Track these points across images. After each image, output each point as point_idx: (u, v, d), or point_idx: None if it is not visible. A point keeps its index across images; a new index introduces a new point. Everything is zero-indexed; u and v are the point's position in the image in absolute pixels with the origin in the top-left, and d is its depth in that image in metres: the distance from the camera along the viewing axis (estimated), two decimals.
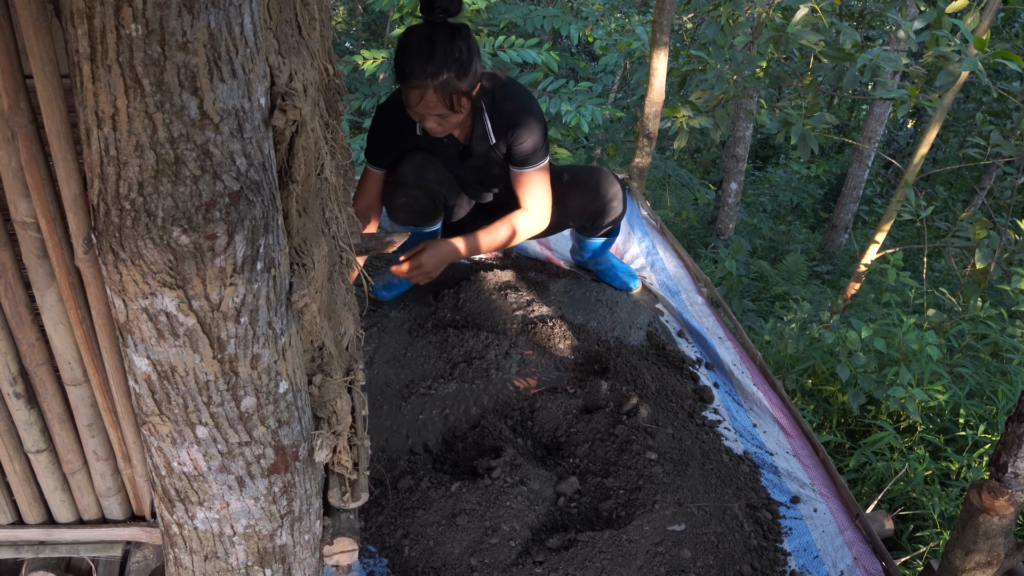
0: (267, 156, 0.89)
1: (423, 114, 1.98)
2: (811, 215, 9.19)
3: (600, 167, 2.47)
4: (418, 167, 2.24)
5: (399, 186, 2.25)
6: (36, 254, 1.02)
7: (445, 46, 1.88)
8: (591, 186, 2.40)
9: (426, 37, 1.89)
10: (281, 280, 0.97)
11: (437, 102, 1.93)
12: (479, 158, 2.24)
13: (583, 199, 2.40)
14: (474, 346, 2.25)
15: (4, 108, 0.90)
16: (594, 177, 2.41)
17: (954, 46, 3.80)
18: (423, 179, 2.25)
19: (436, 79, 1.88)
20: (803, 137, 4.28)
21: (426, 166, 2.24)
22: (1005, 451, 1.41)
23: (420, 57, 1.88)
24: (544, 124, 2.18)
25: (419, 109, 1.96)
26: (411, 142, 2.23)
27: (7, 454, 1.21)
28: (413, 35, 1.92)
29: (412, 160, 2.23)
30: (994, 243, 4.23)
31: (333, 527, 1.27)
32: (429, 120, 2.00)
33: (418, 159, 2.23)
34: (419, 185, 2.25)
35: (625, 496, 1.80)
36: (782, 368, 4.16)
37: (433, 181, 2.27)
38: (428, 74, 1.88)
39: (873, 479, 3.35)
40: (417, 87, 1.90)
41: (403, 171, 2.23)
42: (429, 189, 2.27)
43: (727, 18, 4.59)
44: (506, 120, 2.14)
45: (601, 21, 6.38)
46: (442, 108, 1.95)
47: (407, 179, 2.24)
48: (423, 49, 1.88)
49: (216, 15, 0.76)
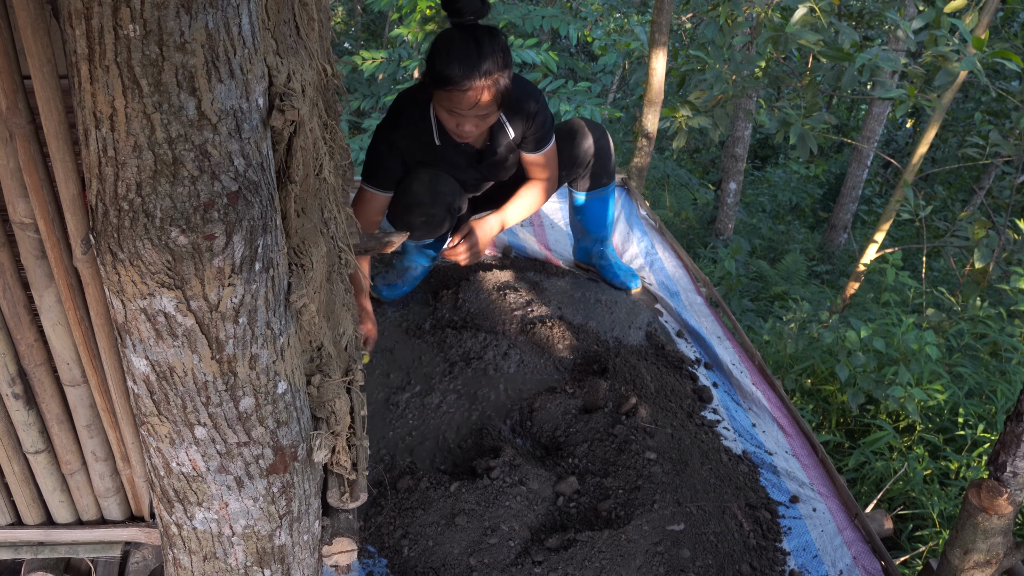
0: (265, 156, 0.89)
1: (467, 116, 1.98)
2: (810, 215, 9.19)
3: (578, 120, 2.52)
4: (429, 184, 2.21)
5: (416, 207, 2.23)
6: (35, 255, 1.02)
7: (491, 45, 1.89)
8: (577, 128, 2.44)
9: (471, 39, 1.89)
10: (279, 280, 0.97)
11: (487, 101, 1.93)
12: (497, 154, 2.25)
13: (571, 146, 2.43)
14: (473, 346, 2.25)
15: (2, 109, 0.90)
16: (574, 125, 2.47)
17: (953, 46, 3.80)
18: (437, 195, 2.24)
19: (489, 77, 1.89)
20: (802, 137, 4.28)
21: (436, 181, 2.23)
22: (1004, 450, 1.41)
23: (471, 58, 1.87)
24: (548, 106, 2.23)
25: (469, 111, 1.95)
26: (428, 154, 2.20)
27: (6, 455, 1.21)
28: (454, 39, 1.91)
29: (421, 178, 2.21)
30: (993, 243, 4.23)
31: (332, 527, 1.27)
32: (469, 123, 2.00)
33: (426, 176, 2.22)
34: (434, 202, 2.24)
35: (624, 496, 1.80)
36: (781, 368, 4.16)
37: (446, 194, 2.26)
38: (483, 73, 1.88)
39: (872, 478, 3.35)
40: (471, 88, 1.89)
41: (416, 191, 2.21)
42: (444, 203, 2.26)
43: (726, 18, 4.60)
44: (520, 112, 2.16)
45: (600, 21, 6.38)
46: (491, 107, 1.96)
47: (422, 199, 2.22)
48: (471, 50, 1.87)
49: (214, 15, 0.76)
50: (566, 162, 2.45)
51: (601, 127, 2.48)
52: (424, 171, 2.21)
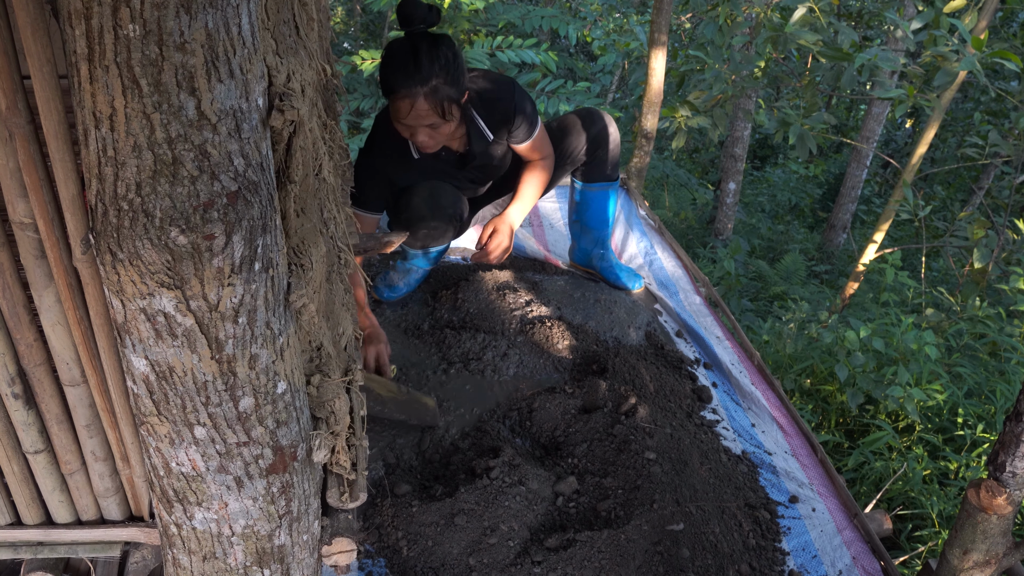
0: (265, 156, 0.89)
1: (413, 127, 1.96)
2: (809, 215, 9.20)
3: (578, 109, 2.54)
4: (428, 198, 2.22)
5: (417, 221, 2.24)
6: (34, 254, 1.02)
7: (430, 53, 1.87)
8: (582, 116, 2.45)
9: (409, 47, 1.88)
10: (279, 280, 0.97)
11: (428, 110, 1.91)
12: (480, 157, 2.24)
13: (575, 135, 2.44)
14: (472, 347, 2.25)
15: (2, 109, 0.90)
16: (581, 112, 2.47)
17: (952, 46, 3.80)
18: (438, 208, 2.24)
19: (425, 85, 1.87)
20: (801, 137, 4.28)
21: (435, 193, 2.23)
22: (1003, 450, 1.41)
23: (406, 66, 1.87)
24: (526, 93, 2.22)
25: (409, 120, 1.94)
26: (409, 168, 2.20)
27: (5, 455, 1.21)
28: (396, 47, 1.91)
29: (420, 193, 2.21)
30: (992, 243, 4.23)
31: (331, 527, 1.27)
32: (420, 133, 1.98)
33: (424, 190, 2.22)
34: (435, 215, 2.24)
35: (624, 496, 1.80)
36: (780, 368, 4.16)
37: (447, 206, 2.26)
38: (416, 81, 1.86)
39: (871, 478, 3.35)
40: (406, 96, 1.88)
41: (415, 206, 2.22)
42: (445, 214, 2.27)
43: (725, 18, 4.60)
44: (495, 111, 2.15)
45: (599, 21, 6.38)
46: (433, 117, 1.93)
47: (423, 213, 2.22)
48: (408, 58, 1.87)
49: (214, 15, 0.76)
50: (574, 150, 2.46)
51: (602, 116, 2.47)
52: (423, 185, 2.22)
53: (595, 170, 2.52)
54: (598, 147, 2.46)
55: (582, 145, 2.45)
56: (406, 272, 2.52)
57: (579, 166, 2.52)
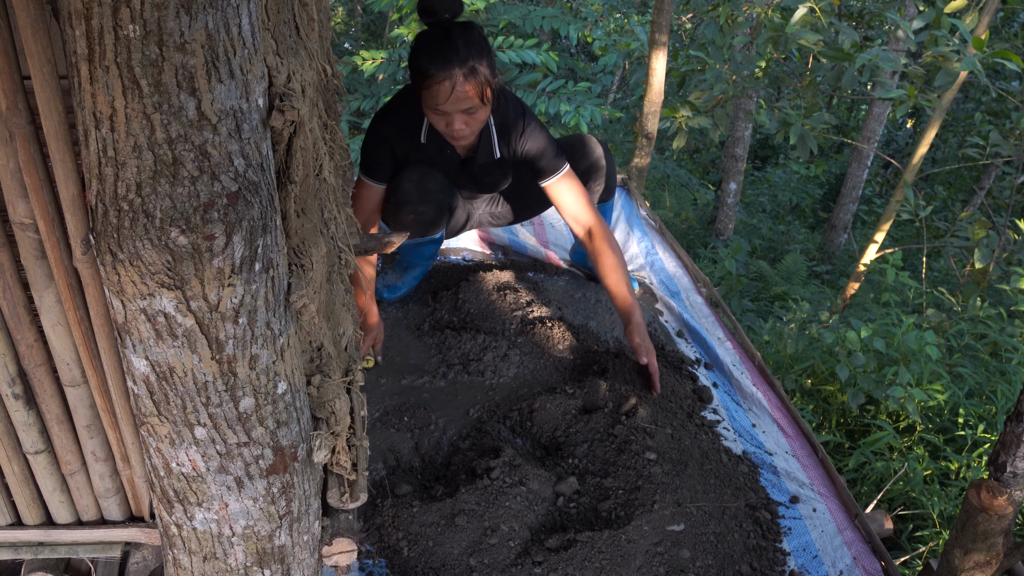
0: (265, 157, 0.89)
1: (451, 112, 1.94)
2: (810, 215, 9.20)
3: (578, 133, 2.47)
4: (418, 181, 2.21)
5: (404, 204, 2.22)
6: (34, 255, 1.02)
7: (464, 36, 1.87)
8: (576, 147, 2.39)
9: (444, 33, 1.88)
10: (279, 281, 0.97)
11: (469, 93, 1.89)
12: (479, 169, 2.24)
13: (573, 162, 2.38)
14: (472, 348, 2.25)
15: (2, 109, 0.90)
16: (577, 140, 2.41)
17: (953, 46, 3.80)
18: (426, 193, 2.22)
19: (464, 66, 1.86)
20: (802, 137, 4.28)
21: (425, 178, 2.22)
22: (1004, 450, 1.41)
23: (442, 49, 1.86)
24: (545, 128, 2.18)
25: (448, 105, 1.92)
26: (414, 149, 2.19)
27: (6, 455, 1.21)
28: (428, 35, 1.90)
29: (410, 176, 2.20)
30: (993, 243, 4.23)
31: (332, 527, 1.27)
32: (457, 120, 1.97)
33: (415, 174, 2.21)
34: (423, 200, 2.23)
35: (624, 496, 1.80)
36: (781, 368, 4.16)
37: (436, 192, 2.24)
38: (455, 63, 1.85)
39: (872, 479, 3.35)
40: (445, 78, 1.87)
41: (405, 188, 2.20)
42: (434, 201, 2.25)
43: (726, 18, 4.60)
44: (505, 125, 2.14)
45: (600, 21, 6.38)
46: (473, 99, 1.91)
47: (411, 196, 2.21)
48: (444, 42, 1.86)
49: (214, 16, 0.76)
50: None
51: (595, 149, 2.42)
52: (414, 169, 2.20)
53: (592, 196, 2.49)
54: (589, 179, 2.42)
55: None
56: (403, 271, 2.52)
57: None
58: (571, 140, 2.42)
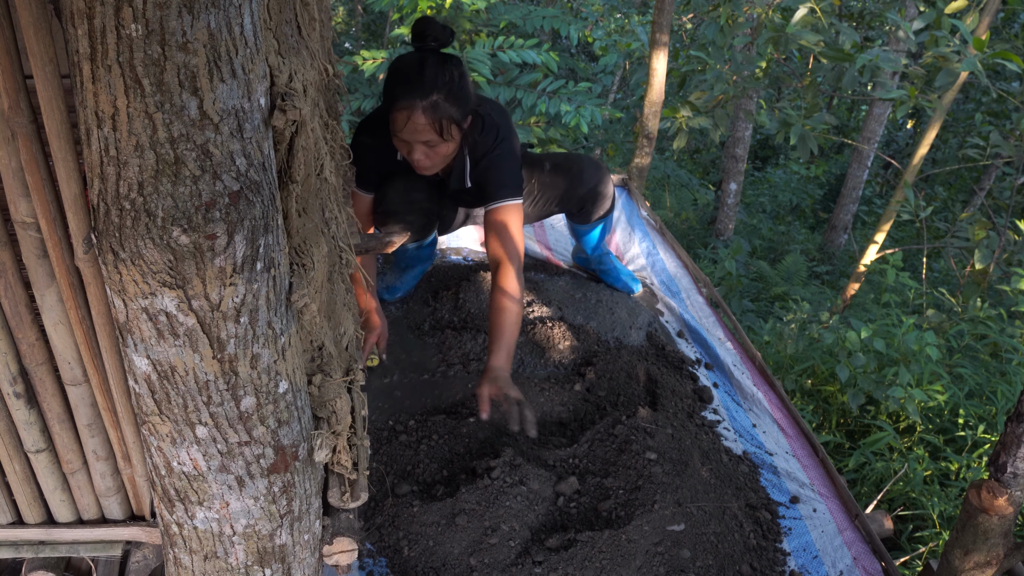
0: (267, 156, 0.90)
1: (411, 142, 1.91)
2: (810, 215, 9.20)
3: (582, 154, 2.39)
4: (403, 191, 2.18)
5: (391, 215, 2.20)
6: (36, 254, 1.02)
7: (435, 68, 1.84)
8: (575, 173, 2.35)
9: (416, 61, 1.85)
10: (281, 280, 0.97)
11: (425, 126, 1.85)
12: (451, 194, 2.21)
13: (567, 185, 2.35)
14: (472, 348, 2.25)
15: (4, 108, 0.90)
16: (577, 164, 2.36)
17: (953, 46, 3.80)
18: (412, 202, 2.20)
19: (425, 99, 1.82)
20: (802, 137, 4.28)
21: (411, 188, 2.19)
22: (1004, 451, 1.41)
23: (409, 79, 1.83)
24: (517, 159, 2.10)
25: (405, 135, 1.89)
26: (392, 165, 2.16)
27: (7, 454, 1.21)
28: (403, 61, 1.88)
29: (395, 186, 2.18)
30: (993, 243, 4.23)
31: (333, 527, 1.27)
32: (416, 151, 1.92)
33: (400, 184, 2.18)
34: (410, 209, 2.21)
35: (624, 496, 1.80)
36: (781, 368, 4.16)
37: (422, 200, 2.22)
38: (417, 94, 1.82)
39: (872, 479, 3.35)
40: (404, 108, 1.84)
41: (390, 199, 2.18)
42: (420, 209, 2.23)
43: (726, 18, 4.60)
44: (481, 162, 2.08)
45: (601, 22, 6.38)
46: (430, 134, 1.87)
47: (397, 207, 2.19)
48: (412, 71, 1.84)
49: (216, 15, 0.76)
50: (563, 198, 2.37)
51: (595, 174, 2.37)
52: (398, 179, 2.18)
53: (581, 218, 2.47)
54: (586, 203, 2.39)
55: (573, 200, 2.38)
56: (402, 271, 2.52)
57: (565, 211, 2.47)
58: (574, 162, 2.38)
